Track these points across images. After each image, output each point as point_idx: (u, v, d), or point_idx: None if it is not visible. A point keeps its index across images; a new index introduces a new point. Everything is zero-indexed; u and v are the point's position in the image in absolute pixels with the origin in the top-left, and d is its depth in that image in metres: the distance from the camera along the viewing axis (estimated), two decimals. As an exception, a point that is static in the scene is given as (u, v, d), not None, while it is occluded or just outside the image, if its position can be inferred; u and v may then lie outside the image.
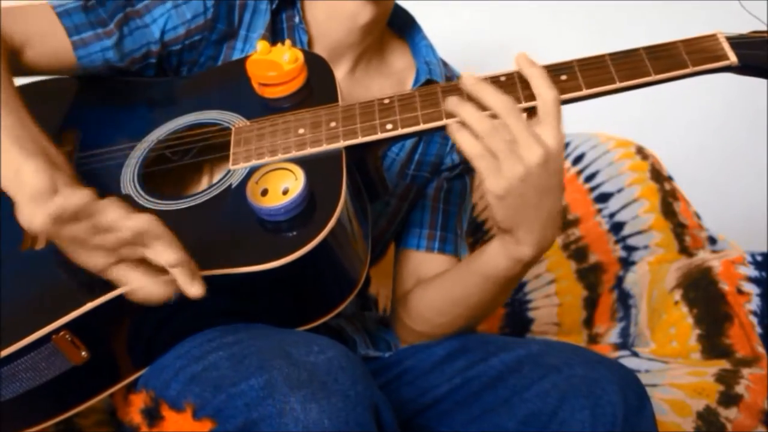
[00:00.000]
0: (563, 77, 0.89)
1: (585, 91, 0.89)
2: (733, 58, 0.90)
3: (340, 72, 1.11)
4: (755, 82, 0.97)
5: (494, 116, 0.86)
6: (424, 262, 1.14)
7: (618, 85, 0.89)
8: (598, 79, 0.89)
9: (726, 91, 1.00)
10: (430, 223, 1.16)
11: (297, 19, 1.09)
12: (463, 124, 0.86)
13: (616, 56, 0.90)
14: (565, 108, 0.89)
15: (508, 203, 0.86)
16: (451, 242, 1.16)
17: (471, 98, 0.88)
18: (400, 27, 1.19)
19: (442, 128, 0.91)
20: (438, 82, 1.13)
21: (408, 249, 1.16)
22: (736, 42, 0.91)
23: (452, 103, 0.87)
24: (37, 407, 0.89)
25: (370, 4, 1.04)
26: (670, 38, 0.91)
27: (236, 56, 1.08)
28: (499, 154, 0.84)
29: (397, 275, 1.17)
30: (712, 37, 0.91)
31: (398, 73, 1.16)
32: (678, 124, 1.88)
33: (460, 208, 1.19)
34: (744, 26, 0.92)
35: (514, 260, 0.93)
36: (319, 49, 1.10)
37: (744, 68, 0.91)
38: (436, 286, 1.07)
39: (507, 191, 0.85)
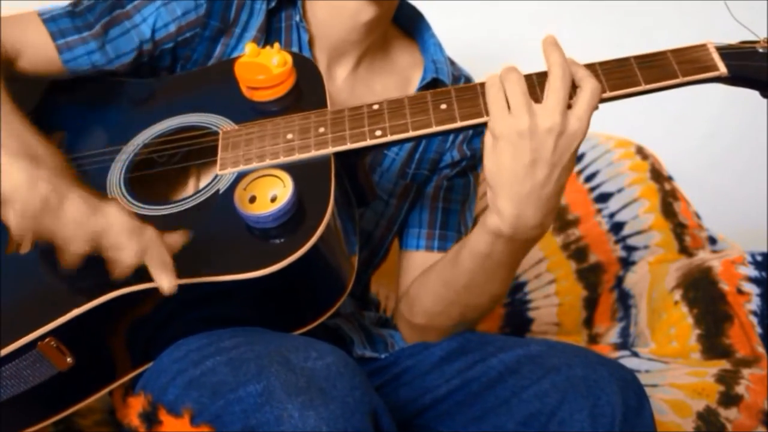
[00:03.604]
0: None
1: None
2: (722, 69, 0.88)
3: (342, 70, 1.10)
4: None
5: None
6: (425, 262, 1.13)
7: (608, 94, 0.89)
8: None
9: (726, 90, 1.00)
10: (429, 223, 1.16)
11: (297, 18, 1.08)
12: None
13: (606, 65, 0.89)
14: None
15: (499, 149, 0.86)
16: (452, 240, 1.15)
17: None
18: (407, 23, 1.17)
19: (431, 135, 0.91)
20: (445, 81, 1.12)
21: (408, 250, 1.16)
22: (726, 52, 0.89)
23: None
24: (27, 410, 0.89)
25: (373, 3, 1.03)
26: (661, 46, 0.90)
27: (229, 54, 1.07)
28: (515, 97, 0.85)
29: (400, 276, 1.17)
30: (702, 47, 0.90)
31: (403, 71, 1.15)
32: (678, 124, 1.88)
33: (463, 206, 1.18)
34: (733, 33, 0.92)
35: (490, 233, 0.92)
36: (321, 47, 1.09)
37: (734, 79, 0.89)
38: (430, 272, 1.07)
39: (502, 134, 0.85)
